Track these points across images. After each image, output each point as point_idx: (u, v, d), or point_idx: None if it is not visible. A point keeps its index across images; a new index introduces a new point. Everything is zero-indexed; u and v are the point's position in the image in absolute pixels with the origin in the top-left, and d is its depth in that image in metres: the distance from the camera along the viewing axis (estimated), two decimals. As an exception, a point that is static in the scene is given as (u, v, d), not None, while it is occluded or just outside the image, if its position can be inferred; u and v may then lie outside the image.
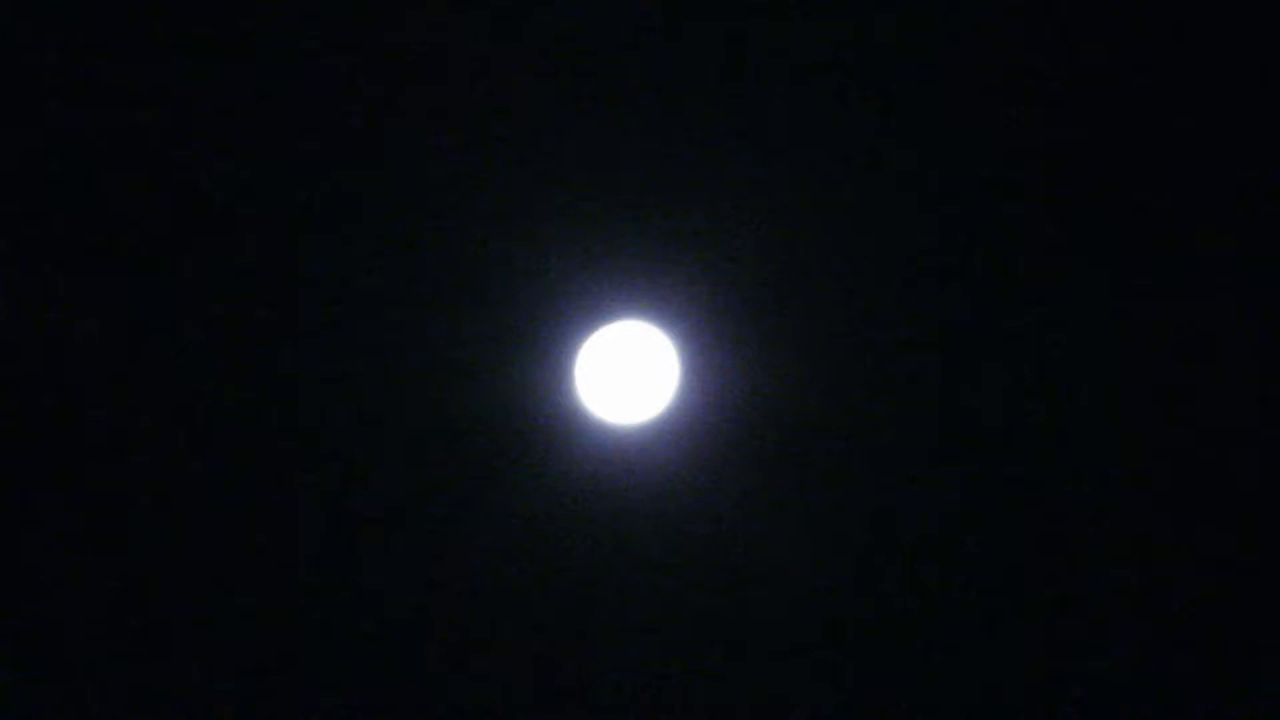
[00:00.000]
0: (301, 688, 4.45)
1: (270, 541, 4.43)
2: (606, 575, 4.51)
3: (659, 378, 4.48)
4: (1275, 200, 4.40)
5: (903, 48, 4.40)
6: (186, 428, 4.40)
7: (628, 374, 4.46)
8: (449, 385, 4.46)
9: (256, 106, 4.36)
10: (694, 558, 4.51)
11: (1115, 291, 4.43)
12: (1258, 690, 4.39)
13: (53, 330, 4.30)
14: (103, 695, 4.37)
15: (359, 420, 4.45)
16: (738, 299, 4.47)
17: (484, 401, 4.46)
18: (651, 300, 4.47)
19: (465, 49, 4.39)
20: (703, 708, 4.52)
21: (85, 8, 4.26)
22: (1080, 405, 4.46)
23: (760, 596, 4.52)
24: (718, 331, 4.48)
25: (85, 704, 4.37)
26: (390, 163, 4.40)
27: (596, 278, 4.46)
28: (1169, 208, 4.41)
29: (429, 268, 4.44)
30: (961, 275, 4.46)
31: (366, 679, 4.47)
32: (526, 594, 4.50)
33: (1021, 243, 4.44)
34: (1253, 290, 4.41)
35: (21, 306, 4.27)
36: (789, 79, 4.41)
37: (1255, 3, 4.34)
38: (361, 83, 4.38)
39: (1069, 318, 4.45)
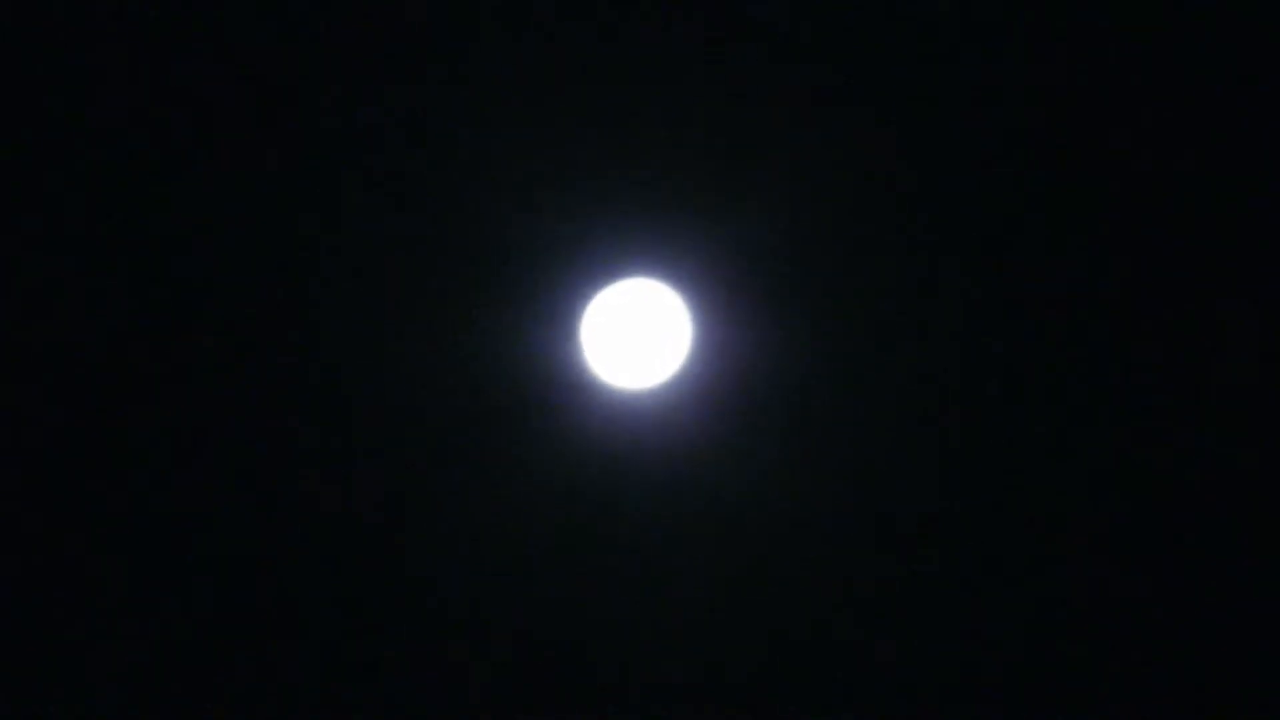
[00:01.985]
0: (314, 658, 4.39)
1: (275, 516, 4.31)
2: (615, 543, 4.39)
3: (670, 339, 4.27)
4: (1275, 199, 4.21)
5: (918, 19, 4.10)
6: (192, 409, 4.25)
7: (637, 335, 4.22)
8: (449, 348, 4.27)
9: (259, 87, 4.07)
10: (704, 525, 4.39)
11: (1123, 277, 4.23)
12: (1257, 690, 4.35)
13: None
14: (102, 695, 4.34)
15: (363, 386, 4.27)
16: (753, 253, 4.25)
17: (485, 364, 4.27)
18: (662, 256, 4.23)
19: (470, 11, 4.08)
20: (710, 672, 4.45)
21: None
22: (1085, 386, 4.31)
23: (770, 562, 4.42)
24: (732, 289, 4.25)
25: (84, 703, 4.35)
26: (394, 123, 4.12)
27: (603, 231, 4.21)
28: (1173, 202, 4.20)
29: (430, 224, 4.20)
30: (975, 242, 4.23)
31: (377, 647, 4.39)
32: (533, 561, 4.40)
33: (1034, 217, 4.22)
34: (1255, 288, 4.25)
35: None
36: (805, 40, 4.11)
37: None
38: (365, 48, 4.08)
39: (1077, 300, 4.25)
